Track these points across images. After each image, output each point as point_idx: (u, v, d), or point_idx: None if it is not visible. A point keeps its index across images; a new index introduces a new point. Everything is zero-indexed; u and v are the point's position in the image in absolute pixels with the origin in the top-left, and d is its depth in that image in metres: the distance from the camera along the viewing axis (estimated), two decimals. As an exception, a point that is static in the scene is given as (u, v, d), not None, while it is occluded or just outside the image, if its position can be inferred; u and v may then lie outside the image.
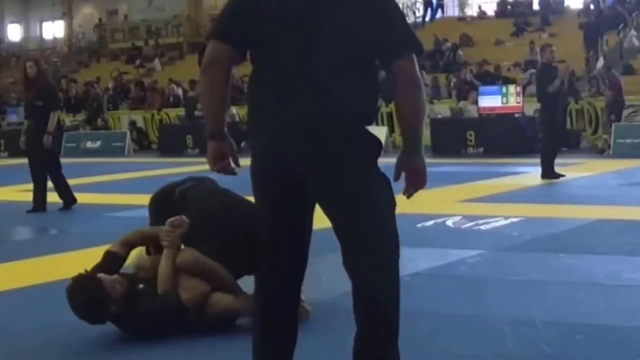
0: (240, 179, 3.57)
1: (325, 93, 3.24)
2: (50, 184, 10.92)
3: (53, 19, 45.47)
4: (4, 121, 26.86)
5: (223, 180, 4.28)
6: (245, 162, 3.37)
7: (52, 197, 11.47)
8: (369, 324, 3.58)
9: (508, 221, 8.71)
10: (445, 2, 35.65)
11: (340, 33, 3.24)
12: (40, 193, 10.80)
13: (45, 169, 10.78)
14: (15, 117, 26.24)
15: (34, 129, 10.75)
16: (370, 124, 3.40)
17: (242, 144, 22.50)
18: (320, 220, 3.51)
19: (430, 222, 8.79)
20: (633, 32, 25.36)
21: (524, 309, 5.24)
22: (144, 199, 11.72)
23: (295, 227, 3.43)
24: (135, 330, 4.77)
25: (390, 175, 3.44)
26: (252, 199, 3.61)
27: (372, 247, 3.34)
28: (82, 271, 4.75)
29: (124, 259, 5.02)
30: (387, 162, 3.46)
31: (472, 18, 33.11)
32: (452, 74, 23.33)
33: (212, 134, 3.44)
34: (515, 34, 28.62)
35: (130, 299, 4.74)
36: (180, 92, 26.77)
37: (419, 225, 8.67)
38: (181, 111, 24.43)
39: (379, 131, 20.75)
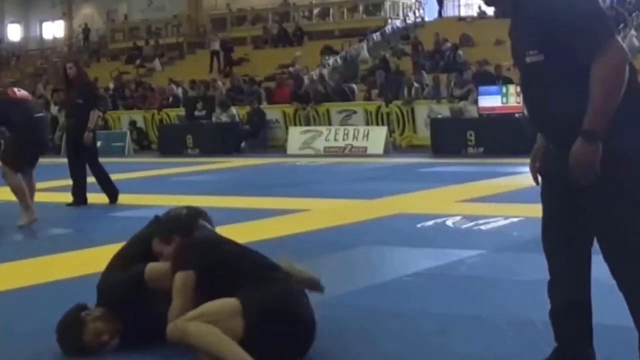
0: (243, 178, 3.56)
1: None
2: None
3: (53, 19, 45.51)
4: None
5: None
6: (245, 162, 3.37)
7: (52, 197, 11.47)
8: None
9: (508, 221, 8.71)
10: (445, 1, 35.71)
11: None
12: (79, 188, 11.30)
13: (84, 164, 11.36)
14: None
15: (76, 127, 11.21)
16: None
17: (243, 144, 22.55)
18: (320, 221, 3.52)
19: (430, 222, 8.79)
20: (633, 32, 25.36)
21: (524, 309, 5.24)
22: (144, 199, 11.78)
23: None
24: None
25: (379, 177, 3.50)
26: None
27: None
28: (76, 308, 4.66)
29: None
30: (386, 162, 3.47)
31: (472, 18, 33.13)
32: (452, 74, 23.34)
33: (599, 134, 3.40)
34: (515, 34, 28.61)
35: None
36: (180, 92, 26.77)
37: (419, 225, 8.68)
38: (181, 111, 24.43)
39: (379, 131, 20.78)
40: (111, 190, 11.48)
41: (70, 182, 11.50)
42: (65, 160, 11.72)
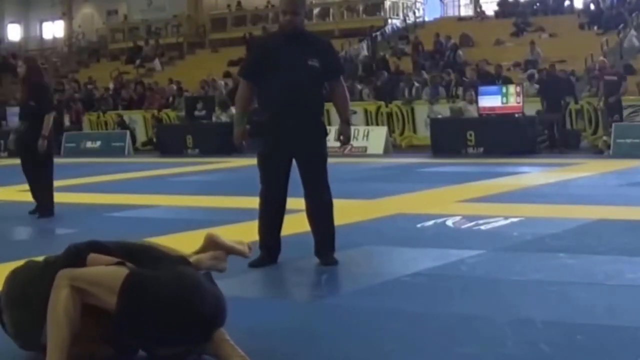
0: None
1: None
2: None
3: (53, 19, 45.49)
4: (4, 122, 26.82)
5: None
6: (245, 162, 3.37)
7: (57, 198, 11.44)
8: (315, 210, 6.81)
9: (508, 221, 8.71)
10: (445, 1, 35.77)
11: None
12: (41, 193, 10.45)
13: (41, 169, 10.37)
14: (16, 118, 26.22)
15: (29, 131, 10.28)
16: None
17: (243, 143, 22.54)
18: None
19: (430, 222, 8.79)
20: (633, 32, 25.36)
21: (524, 309, 5.24)
22: (144, 199, 11.78)
23: None
24: None
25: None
26: None
27: None
28: None
29: None
30: (386, 162, 3.46)
31: (472, 18, 33.14)
32: (453, 74, 23.33)
33: None
34: (515, 34, 28.64)
35: None
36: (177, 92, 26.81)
37: (418, 225, 8.68)
38: (181, 111, 24.42)
39: (379, 131, 20.77)
40: (44, 204, 10.39)
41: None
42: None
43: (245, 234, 7.35)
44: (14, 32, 46.84)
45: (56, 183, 10.88)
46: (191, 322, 4.05)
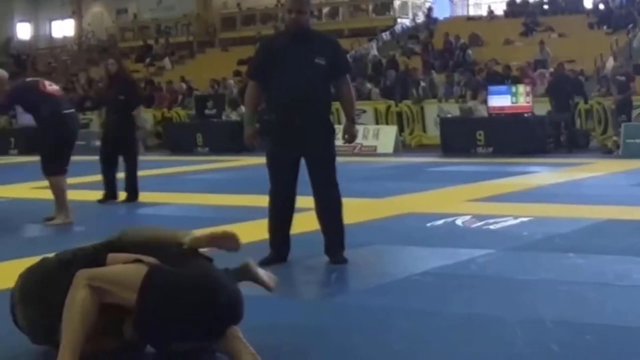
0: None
1: None
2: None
3: (62, 17, 45.59)
4: (14, 119, 26.87)
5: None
6: (254, 160, 3.38)
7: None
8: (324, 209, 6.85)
9: (517, 221, 8.71)
10: (455, 1, 35.73)
11: None
12: (112, 185, 11.51)
13: (117, 161, 11.50)
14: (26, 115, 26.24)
15: (118, 123, 11.38)
16: None
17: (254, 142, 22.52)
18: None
19: (440, 222, 8.79)
20: (642, 31, 25.33)
21: (534, 308, 5.24)
22: (154, 197, 11.80)
23: None
24: None
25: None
26: None
27: None
28: None
29: None
30: (396, 161, 3.47)
31: (482, 18, 33.11)
32: (461, 74, 23.30)
33: None
34: (525, 34, 28.60)
35: None
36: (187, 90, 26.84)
37: (428, 224, 8.68)
38: (191, 109, 24.45)
39: (389, 131, 20.76)
40: (134, 189, 11.54)
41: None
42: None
43: (255, 232, 7.39)
44: (24, 31, 46.95)
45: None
46: (211, 317, 4.09)
